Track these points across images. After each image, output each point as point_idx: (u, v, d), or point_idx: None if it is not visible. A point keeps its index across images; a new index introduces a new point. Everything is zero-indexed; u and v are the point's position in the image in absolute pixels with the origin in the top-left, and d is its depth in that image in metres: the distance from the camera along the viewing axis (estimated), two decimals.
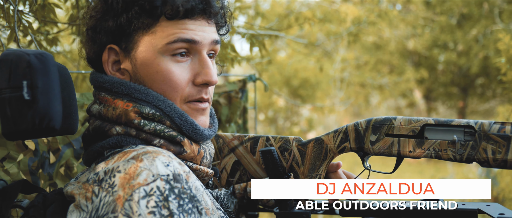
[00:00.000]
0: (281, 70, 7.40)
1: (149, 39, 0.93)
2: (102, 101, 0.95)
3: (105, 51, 0.95)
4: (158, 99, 0.93)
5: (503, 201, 3.95)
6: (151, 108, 0.92)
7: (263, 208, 1.38)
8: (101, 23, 0.95)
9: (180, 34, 0.92)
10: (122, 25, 0.93)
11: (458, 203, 1.10)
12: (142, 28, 0.93)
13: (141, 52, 0.94)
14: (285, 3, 6.07)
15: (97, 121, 0.95)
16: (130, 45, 0.94)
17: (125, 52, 0.95)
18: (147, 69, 0.94)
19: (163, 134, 0.92)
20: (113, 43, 0.95)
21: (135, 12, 0.92)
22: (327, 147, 1.15)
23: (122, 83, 0.93)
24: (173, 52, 0.93)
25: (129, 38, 0.94)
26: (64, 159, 1.39)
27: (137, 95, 0.93)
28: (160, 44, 0.92)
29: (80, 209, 0.83)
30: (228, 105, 2.13)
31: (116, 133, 0.92)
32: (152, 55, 0.93)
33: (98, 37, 0.95)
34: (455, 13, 11.29)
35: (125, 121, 0.92)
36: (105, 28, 0.94)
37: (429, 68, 12.10)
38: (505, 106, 3.43)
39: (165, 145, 0.92)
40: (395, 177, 1.08)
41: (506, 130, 0.99)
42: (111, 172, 0.83)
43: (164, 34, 0.92)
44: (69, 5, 2.39)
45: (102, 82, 0.95)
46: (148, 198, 0.78)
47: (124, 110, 0.92)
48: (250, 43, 2.46)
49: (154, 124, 0.92)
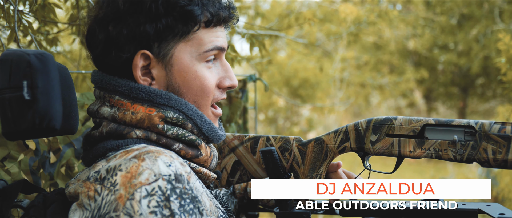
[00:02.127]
0: (281, 70, 7.40)
1: (185, 46, 0.94)
2: (116, 105, 0.93)
3: (137, 56, 0.92)
4: (180, 103, 0.94)
5: (503, 201, 3.95)
6: (175, 112, 0.93)
7: (263, 208, 1.38)
8: (133, 28, 0.91)
9: (215, 42, 0.96)
10: (160, 31, 0.91)
11: (458, 203, 1.10)
12: (179, 35, 0.93)
13: (177, 58, 0.94)
14: (285, 3, 6.07)
15: (112, 124, 0.93)
16: (164, 51, 0.93)
17: (158, 57, 0.93)
18: (184, 76, 0.94)
19: (183, 138, 0.93)
20: (146, 48, 0.92)
21: (174, 18, 0.91)
22: (328, 147, 1.15)
23: (140, 89, 0.92)
24: (206, 59, 0.96)
25: (165, 44, 0.92)
26: (65, 159, 1.40)
27: (159, 100, 0.93)
28: (197, 52, 0.94)
29: (83, 208, 0.83)
30: (228, 105, 2.13)
31: (136, 136, 0.91)
32: (189, 62, 0.94)
33: (128, 43, 0.91)
34: (455, 13, 11.29)
35: (148, 126, 0.91)
36: (138, 33, 0.91)
37: (429, 68, 12.09)
38: (505, 106, 3.43)
39: (183, 149, 0.93)
40: (395, 177, 1.08)
41: (506, 130, 0.99)
42: (113, 170, 0.82)
43: (201, 41, 0.94)
44: (69, 5, 2.39)
45: (117, 85, 0.93)
46: (149, 197, 0.78)
47: (147, 115, 0.91)
48: (250, 43, 2.46)
49: (176, 128, 0.93)
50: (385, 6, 7.45)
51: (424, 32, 11.23)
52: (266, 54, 3.50)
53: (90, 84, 2.63)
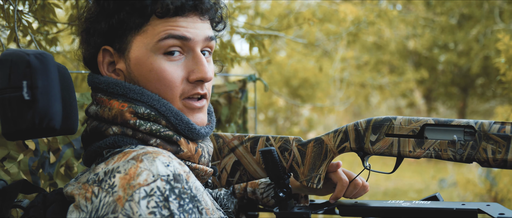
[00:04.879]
0: (281, 70, 7.39)
1: (141, 38, 0.93)
2: (99, 102, 0.95)
3: (99, 53, 0.96)
4: (153, 98, 0.93)
5: (502, 201, 3.95)
6: (146, 108, 0.92)
7: (263, 208, 1.38)
8: (94, 25, 0.95)
9: (170, 30, 0.92)
10: (114, 26, 0.93)
11: (458, 203, 1.10)
12: (134, 28, 0.93)
13: (134, 52, 0.94)
14: (285, 3, 6.07)
15: (94, 122, 0.95)
16: (123, 46, 0.95)
17: (119, 52, 0.95)
18: (140, 69, 0.94)
19: (159, 133, 0.92)
20: (107, 44, 0.95)
21: (126, 12, 0.92)
22: (327, 147, 1.15)
23: (117, 84, 0.94)
24: (165, 51, 0.93)
25: (122, 39, 0.94)
26: (64, 159, 1.39)
27: (132, 95, 0.93)
28: (151, 43, 0.93)
29: (80, 210, 0.83)
30: (228, 105, 2.13)
31: (113, 133, 0.92)
32: (144, 54, 0.93)
33: (92, 39, 0.96)
34: (455, 13, 11.29)
35: (121, 121, 0.92)
36: (98, 29, 0.95)
37: (429, 68, 12.09)
38: (504, 106, 3.43)
39: (161, 145, 0.92)
40: (395, 177, 1.08)
41: (506, 130, 0.99)
42: (111, 172, 0.83)
43: (155, 32, 0.92)
44: (69, 5, 2.39)
45: (98, 83, 0.96)
46: (148, 198, 0.78)
47: (119, 111, 0.92)
48: (249, 43, 2.45)
49: (149, 124, 0.92)
50: (384, 6, 7.45)
51: (424, 32, 11.22)
52: (265, 54, 3.49)
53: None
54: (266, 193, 1.31)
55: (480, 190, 5.54)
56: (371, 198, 6.94)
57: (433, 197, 1.19)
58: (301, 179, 1.16)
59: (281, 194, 1.16)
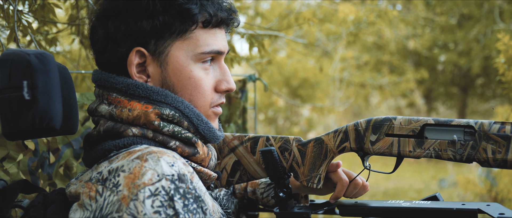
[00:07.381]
0: (281, 70, 7.39)
1: (181, 44, 0.93)
2: (113, 102, 0.93)
3: (132, 53, 0.92)
4: (177, 100, 0.93)
5: (502, 201, 3.95)
6: (171, 109, 0.92)
7: (263, 208, 1.38)
8: (130, 24, 0.92)
9: (213, 46, 0.95)
10: (157, 28, 0.92)
11: (458, 203, 1.10)
12: (176, 33, 0.93)
13: (173, 56, 0.94)
14: (285, 3, 6.07)
15: (109, 123, 0.93)
16: (160, 49, 0.93)
17: (154, 55, 0.93)
18: (179, 75, 0.94)
19: (180, 135, 0.93)
20: (141, 46, 0.93)
21: (171, 16, 0.91)
22: (327, 147, 1.15)
23: (138, 85, 0.92)
24: (203, 60, 0.96)
25: (161, 42, 0.93)
26: (64, 159, 1.40)
27: (156, 97, 0.92)
28: (194, 52, 0.94)
29: (84, 208, 0.83)
30: (228, 105, 2.13)
31: (132, 134, 0.91)
32: (185, 61, 0.94)
33: (124, 39, 0.92)
34: (455, 13, 11.30)
35: (144, 123, 0.91)
36: (135, 29, 0.91)
37: (429, 68, 12.10)
38: (504, 106, 3.43)
39: (180, 147, 0.93)
40: (395, 177, 1.08)
41: (506, 130, 0.99)
42: (115, 171, 0.83)
43: (198, 42, 0.94)
44: (69, 5, 2.39)
45: (115, 83, 0.93)
46: (153, 197, 0.78)
47: (143, 112, 0.91)
48: (249, 43, 2.45)
49: (172, 125, 0.92)
50: (384, 6, 7.44)
51: (424, 32, 11.23)
52: (265, 54, 3.49)
53: (90, 84, 2.63)
54: (266, 193, 1.31)
55: (480, 190, 5.54)
56: (371, 198, 6.95)
57: (433, 197, 1.19)
58: (301, 179, 1.16)
59: (281, 194, 1.16)
